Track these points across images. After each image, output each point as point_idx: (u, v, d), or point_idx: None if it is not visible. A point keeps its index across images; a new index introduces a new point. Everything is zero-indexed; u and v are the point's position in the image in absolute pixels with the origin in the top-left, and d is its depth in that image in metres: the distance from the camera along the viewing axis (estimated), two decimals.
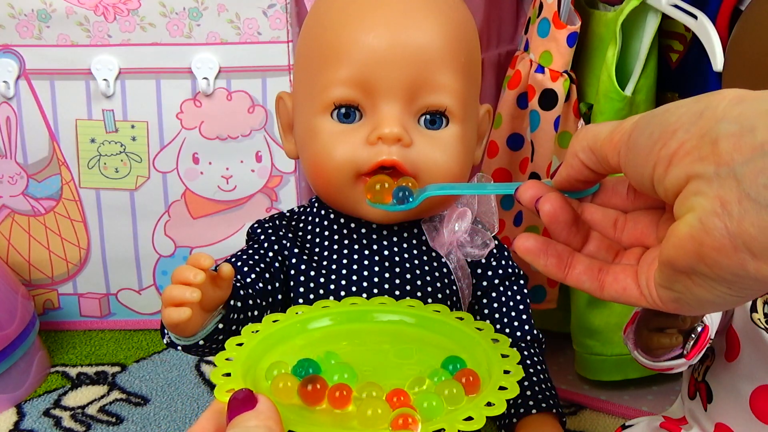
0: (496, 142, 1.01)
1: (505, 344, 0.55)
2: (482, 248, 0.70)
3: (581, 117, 0.95)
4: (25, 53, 1.03)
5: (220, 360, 0.52)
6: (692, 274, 0.39)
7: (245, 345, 0.54)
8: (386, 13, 0.67)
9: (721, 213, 0.36)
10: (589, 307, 0.97)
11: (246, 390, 0.45)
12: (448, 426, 0.44)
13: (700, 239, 0.37)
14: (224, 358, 0.52)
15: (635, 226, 0.47)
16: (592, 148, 0.45)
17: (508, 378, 0.50)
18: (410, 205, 0.58)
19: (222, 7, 1.02)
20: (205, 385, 1.01)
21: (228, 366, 0.51)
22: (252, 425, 0.43)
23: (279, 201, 1.09)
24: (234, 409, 0.45)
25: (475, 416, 0.45)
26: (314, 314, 0.59)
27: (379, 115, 0.66)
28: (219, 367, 0.50)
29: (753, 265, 0.36)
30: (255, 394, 0.45)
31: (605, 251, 0.48)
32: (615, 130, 0.43)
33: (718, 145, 0.37)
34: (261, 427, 0.43)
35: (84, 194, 1.08)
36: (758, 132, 0.36)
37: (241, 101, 1.05)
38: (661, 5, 0.86)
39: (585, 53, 0.96)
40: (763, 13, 0.68)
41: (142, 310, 1.14)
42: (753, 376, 0.65)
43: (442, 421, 0.45)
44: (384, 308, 0.61)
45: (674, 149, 0.39)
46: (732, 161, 0.36)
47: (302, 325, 0.58)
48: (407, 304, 0.61)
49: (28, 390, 0.98)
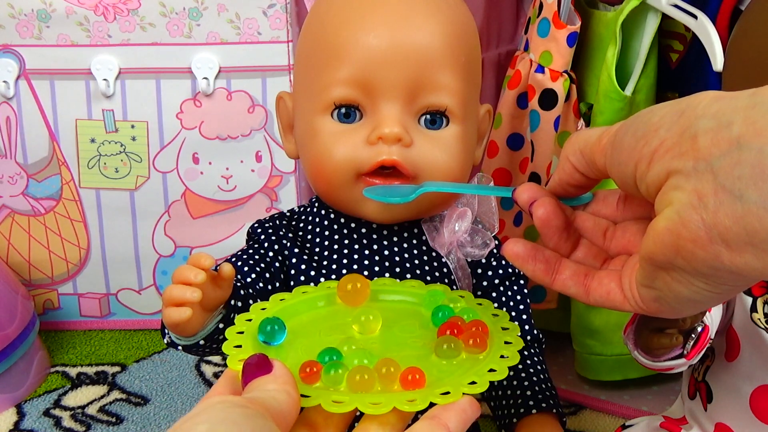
0: (496, 142, 1.01)
1: (505, 318, 0.56)
2: (482, 248, 0.70)
3: (581, 117, 0.95)
4: (25, 53, 1.03)
5: (230, 333, 0.52)
6: (671, 269, 0.40)
7: (254, 321, 0.54)
8: (386, 13, 0.67)
9: (698, 205, 0.37)
10: (589, 307, 0.97)
11: (260, 354, 0.45)
12: (453, 389, 0.46)
13: (678, 232, 0.38)
14: (235, 331, 0.52)
15: (623, 234, 0.49)
16: (583, 152, 0.46)
17: (509, 348, 0.51)
18: (407, 198, 0.58)
19: (222, 7, 1.02)
20: (205, 385, 1.01)
21: (238, 338, 0.51)
22: (271, 388, 0.43)
23: (279, 201, 1.09)
24: (250, 373, 0.45)
25: (478, 381, 0.47)
26: (319, 293, 0.60)
27: (380, 115, 0.66)
28: (230, 340, 0.51)
29: (727, 257, 0.37)
30: (270, 359, 0.45)
31: (593, 258, 0.50)
32: (603, 133, 0.45)
33: (697, 140, 0.38)
34: (280, 390, 0.43)
35: (84, 194, 1.08)
36: (734, 126, 0.37)
37: (241, 101, 1.05)
38: (661, 5, 0.86)
39: (585, 53, 0.96)
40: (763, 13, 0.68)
41: (142, 310, 1.14)
42: (753, 376, 0.66)
43: (448, 384, 0.47)
44: (386, 288, 0.62)
45: (655, 146, 0.40)
46: (710, 155, 0.37)
47: (308, 303, 0.59)
48: (409, 285, 0.62)
49: (28, 390, 0.98)
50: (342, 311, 0.58)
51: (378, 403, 0.45)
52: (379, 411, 0.45)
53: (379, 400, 0.45)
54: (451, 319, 0.55)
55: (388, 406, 0.45)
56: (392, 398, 0.45)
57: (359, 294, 0.58)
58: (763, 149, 0.35)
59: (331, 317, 0.58)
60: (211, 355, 0.65)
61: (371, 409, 0.45)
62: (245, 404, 0.41)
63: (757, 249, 0.36)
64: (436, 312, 0.57)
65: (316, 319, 0.58)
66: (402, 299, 0.61)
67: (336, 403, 0.45)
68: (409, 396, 0.46)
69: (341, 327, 0.56)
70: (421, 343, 0.54)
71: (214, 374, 1.03)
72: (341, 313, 0.58)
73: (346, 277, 0.59)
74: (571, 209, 0.50)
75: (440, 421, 0.44)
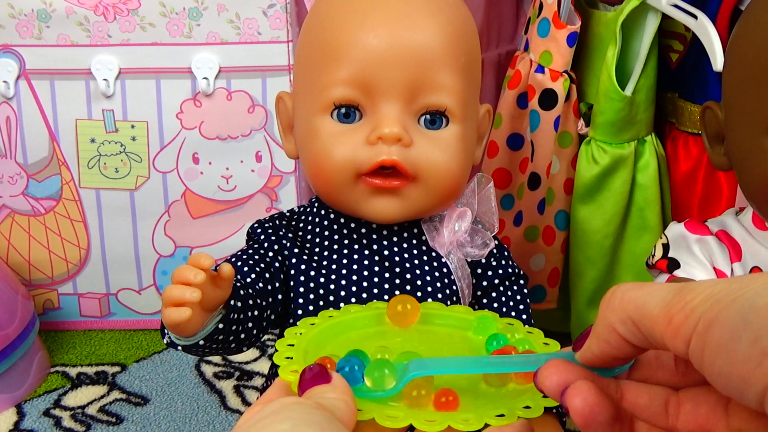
0: (496, 142, 1.01)
1: (555, 347, 0.54)
2: (482, 248, 0.70)
3: (581, 117, 0.95)
4: (25, 53, 1.03)
5: (281, 345, 0.52)
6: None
7: (304, 335, 0.54)
8: (386, 13, 0.67)
9: None
10: (589, 307, 0.97)
11: (320, 365, 0.45)
12: (507, 412, 0.44)
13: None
14: (286, 344, 0.52)
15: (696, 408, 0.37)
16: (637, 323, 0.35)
17: None
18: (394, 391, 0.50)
19: (222, 7, 1.02)
20: (205, 385, 1.01)
21: (289, 351, 0.51)
22: (331, 397, 0.42)
23: (279, 201, 1.09)
24: (308, 381, 0.44)
25: (533, 405, 0.45)
26: (368, 312, 0.59)
27: (379, 115, 0.66)
28: (281, 351, 0.51)
29: None
30: (329, 371, 0.45)
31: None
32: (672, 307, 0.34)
33: None
34: (339, 399, 0.42)
35: (84, 194, 1.08)
36: None
37: (241, 101, 1.05)
38: (661, 5, 0.86)
39: (585, 53, 0.96)
40: (763, 13, 0.68)
41: (142, 310, 1.14)
42: None
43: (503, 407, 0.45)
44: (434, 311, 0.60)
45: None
46: None
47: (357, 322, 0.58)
48: (458, 310, 0.60)
49: (28, 390, 0.98)
50: (391, 332, 0.57)
51: (433, 420, 0.44)
52: (434, 429, 0.44)
53: (434, 418, 0.44)
54: (506, 347, 0.53)
55: (443, 424, 0.44)
56: (447, 417, 0.44)
57: (409, 316, 0.57)
58: None
59: (379, 336, 0.57)
60: (210, 355, 0.65)
61: (426, 426, 0.44)
62: (321, 407, 0.40)
63: None
64: (490, 340, 0.55)
65: (364, 338, 0.57)
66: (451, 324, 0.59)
67: (390, 418, 0.44)
68: (464, 416, 0.45)
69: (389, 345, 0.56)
70: None
71: (214, 374, 1.03)
72: (390, 333, 0.57)
73: (396, 297, 0.58)
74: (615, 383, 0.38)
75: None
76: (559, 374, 0.38)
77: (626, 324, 0.35)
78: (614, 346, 0.36)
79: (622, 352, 0.36)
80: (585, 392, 0.36)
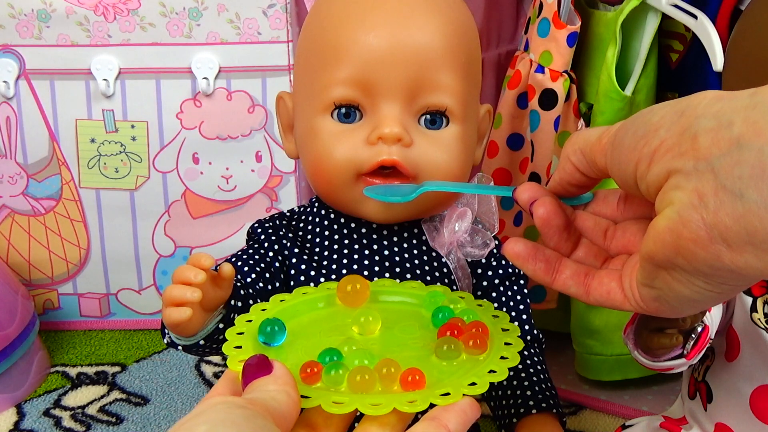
0: (496, 142, 1.01)
1: (505, 319, 0.56)
2: (482, 248, 0.70)
3: (581, 117, 0.95)
4: (25, 53, 1.03)
5: (230, 334, 0.52)
6: (671, 269, 0.40)
7: (254, 322, 0.54)
8: (386, 13, 0.67)
9: (698, 205, 0.37)
10: (589, 307, 0.97)
11: (260, 355, 0.45)
12: (453, 390, 0.46)
13: (678, 231, 0.38)
14: (235, 332, 0.52)
15: (623, 234, 0.49)
16: (583, 151, 0.46)
17: (509, 349, 0.51)
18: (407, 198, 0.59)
19: (222, 7, 1.02)
20: (205, 385, 1.01)
21: (239, 339, 0.51)
22: (272, 389, 0.43)
23: (279, 201, 1.09)
24: (250, 374, 0.45)
25: (479, 382, 0.47)
26: (319, 294, 0.60)
27: (380, 114, 0.66)
28: (230, 341, 0.51)
29: (728, 256, 0.37)
30: (270, 360, 0.45)
31: (593, 257, 0.49)
32: (604, 132, 0.45)
33: (698, 140, 0.38)
34: (280, 391, 0.43)
35: (84, 194, 1.08)
36: (735, 126, 0.37)
37: (241, 101, 1.05)
38: (661, 5, 0.86)
39: (585, 53, 0.96)
40: (763, 13, 0.68)
41: (142, 310, 1.14)
42: (753, 376, 0.66)
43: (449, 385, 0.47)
44: (386, 289, 0.62)
45: (656, 146, 0.40)
46: (710, 155, 0.37)
47: (309, 304, 0.59)
48: (409, 286, 0.62)
49: (28, 390, 0.98)
50: (342, 312, 0.58)
51: (378, 404, 0.45)
52: (380, 412, 0.45)
53: (380, 401, 0.45)
54: (452, 320, 0.55)
55: (388, 407, 0.45)
56: (392, 399, 0.45)
57: (359, 295, 0.59)
58: (763, 149, 0.35)
59: (331, 318, 0.58)
60: (211, 355, 0.65)
61: (371, 410, 0.45)
62: (246, 405, 0.41)
63: (758, 248, 0.36)
64: (436, 313, 0.57)
65: (316, 320, 0.58)
66: (402, 300, 0.61)
67: (336, 404, 0.45)
68: (410, 397, 0.46)
69: (341, 328, 0.56)
70: (421, 344, 0.54)
71: (214, 374, 1.03)
72: (341, 314, 0.58)
73: (345, 278, 0.59)
74: (571, 209, 0.50)
75: (440, 422, 0.45)
76: (531, 191, 0.49)
77: (577, 154, 0.46)
78: (569, 173, 0.48)
79: (575, 179, 0.48)
80: (547, 204, 0.48)
